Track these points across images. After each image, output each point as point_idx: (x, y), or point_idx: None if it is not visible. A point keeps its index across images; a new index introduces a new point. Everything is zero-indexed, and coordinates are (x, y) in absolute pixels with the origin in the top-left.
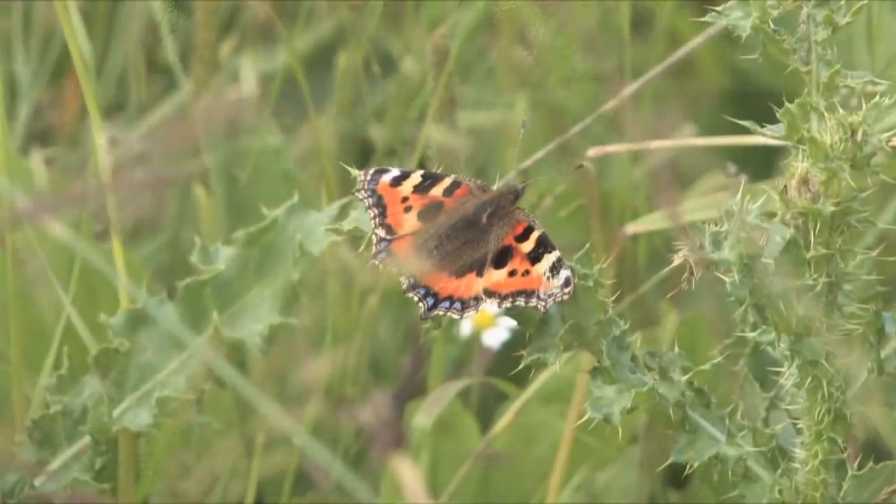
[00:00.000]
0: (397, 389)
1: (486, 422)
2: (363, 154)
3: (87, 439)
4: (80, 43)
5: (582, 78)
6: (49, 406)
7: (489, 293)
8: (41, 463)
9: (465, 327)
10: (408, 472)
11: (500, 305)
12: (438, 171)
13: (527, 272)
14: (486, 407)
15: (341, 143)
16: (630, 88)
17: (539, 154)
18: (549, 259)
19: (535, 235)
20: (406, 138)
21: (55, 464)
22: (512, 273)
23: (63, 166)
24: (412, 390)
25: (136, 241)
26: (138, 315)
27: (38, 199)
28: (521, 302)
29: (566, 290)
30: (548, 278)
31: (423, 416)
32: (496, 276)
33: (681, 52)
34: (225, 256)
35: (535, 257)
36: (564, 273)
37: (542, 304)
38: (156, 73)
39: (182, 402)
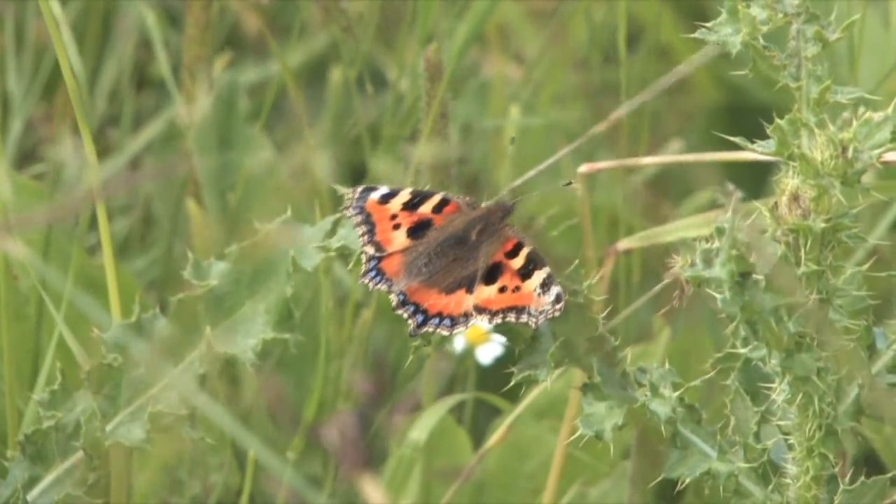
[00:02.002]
0: (361, 409)
1: (478, 437)
2: (355, 170)
3: (79, 454)
4: (70, 60)
5: (574, 94)
6: (42, 421)
7: (479, 309)
8: (34, 478)
9: (458, 343)
10: (374, 492)
11: (490, 321)
12: (429, 188)
13: (517, 288)
14: (478, 422)
15: (334, 159)
16: (621, 111)
17: (531, 173)
18: (539, 275)
19: (525, 252)
20: (398, 154)
21: (48, 479)
22: (502, 289)
23: (53, 182)
24: (377, 409)
25: (129, 255)
26: (131, 330)
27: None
28: (511, 318)
29: (557, 307)
30: (538, 294)
31: (416, 432)
32: (486, 293)
33: (674, 75)
34: (218, 271)
35: (525, 273)
36: (555, 289)
37: (534, 320)
38: (148, 87)
39: (175, 417)
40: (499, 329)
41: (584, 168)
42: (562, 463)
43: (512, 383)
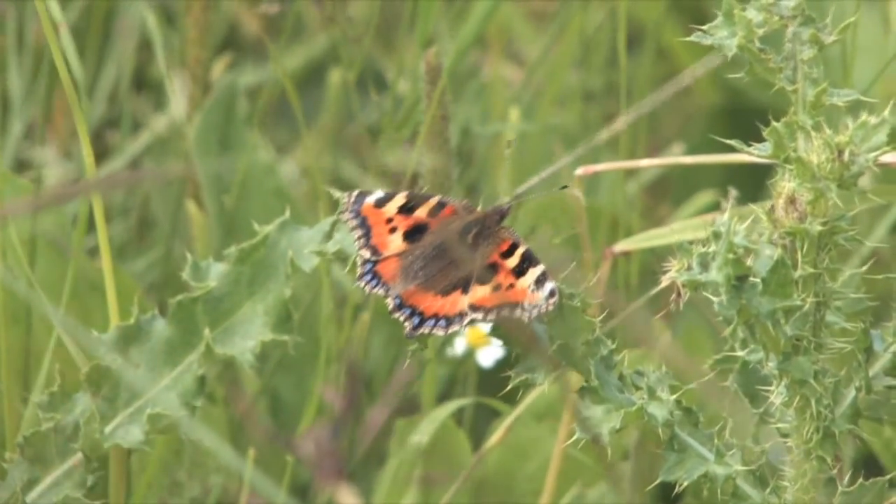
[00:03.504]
0: (336, 419)
1: (478, 439)
2: (354, 171)
3: (78, 456)
4: (69, 64)
5: (574, 96)
6: (41, 423)
7: (474, 308)
8: (33, 480)
9: (459, 346)
10: (350, 501)
11: (485, 318)
12: (428, 191)
13: (511, 286)
14: (478, 425)
15: (333, 160)
16: (624, 119)
17: (530, 183)
18: (533, 273)
19: (519, 251)
20: (397, 157)
21: (47, 481)
22: (497, 287)
23: (52, 183)
24: (352, 419)
25: (128, 257)
26: (130, 331)
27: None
28: (505, 314)
29: (551, 301)
30: (532, 291)
31: (417, 435)
32: (481, 292)
33: (675, 84)
34: (216, 273)
35: (519, 272)
36: (549, 285)
37: (527, 315)
38: (148, 89)
39: (174, 418)
40: (495, 333)
41: (580, 170)
42: (560, 465)
43: (510, 386)
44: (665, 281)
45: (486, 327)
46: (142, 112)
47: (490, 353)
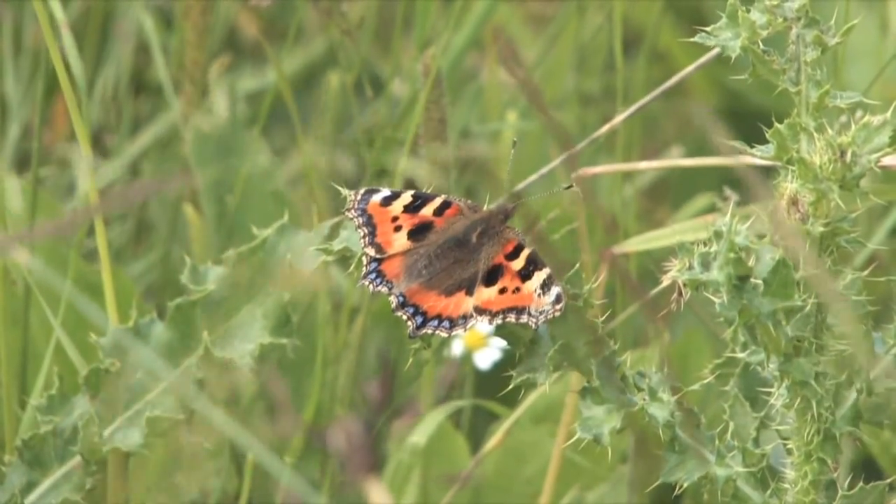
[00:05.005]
0: (368, 414)
1: (476, 442)
2: (353, 174)
3: (77, 459)
4: (70, 66)
5: (571, 99)
6: (39, 426)
7: (480, 311)
8: (31, 483)
9: (456, 348)
10: (380, 496)
11: (490, 322)
12: (428, 191)
13: (517, 289)
14: (476, 427)
15: (331, 164)
16: (620, 117)
17: (530, 179)
18: (539, 276)
19: (525, 253)
20: (395, 159)
21: (45, 484)
22: (502, 290)
23: (52, 187)
24: (384, 414)
25: (126, 260)
26: (128, 334)
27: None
28: (511, 319)
29: (557, 307)
30: (539, 295)
31: (415, 436)
32: (486, 294)
33: (674, 80)
34: (215, 276)
35: (525, 275)
36: (555, 290)
37: (534, 320)
38: (146, 92)
39: (172, 421)
40: (498, 332)
41: (579, 172)
42: (559, 467)
43: (511, 386)
44: (666, 280)
45: (487, 328)
46: (140, 115)
47: (487, 355)
